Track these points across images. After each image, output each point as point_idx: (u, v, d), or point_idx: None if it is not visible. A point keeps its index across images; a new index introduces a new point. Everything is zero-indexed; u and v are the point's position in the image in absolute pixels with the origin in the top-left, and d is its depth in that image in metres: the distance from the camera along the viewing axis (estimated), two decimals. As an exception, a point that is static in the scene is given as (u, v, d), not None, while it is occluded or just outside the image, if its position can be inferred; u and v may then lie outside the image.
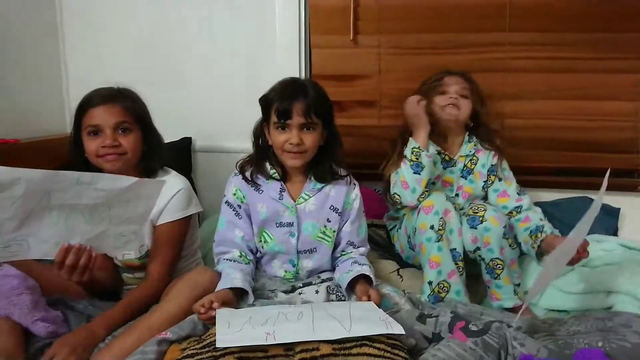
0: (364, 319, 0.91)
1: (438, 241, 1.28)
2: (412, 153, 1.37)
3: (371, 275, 1.17)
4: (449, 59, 1.67)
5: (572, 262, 1.20)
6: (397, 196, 1.39)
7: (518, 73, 1.69)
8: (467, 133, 1.51)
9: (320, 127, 1.19)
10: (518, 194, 1.46)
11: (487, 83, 1.60)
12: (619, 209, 1.67)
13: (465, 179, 1.49)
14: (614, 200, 1.68)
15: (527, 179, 1.69)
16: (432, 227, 1.29)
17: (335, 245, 1.28)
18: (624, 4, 1.60)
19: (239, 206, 1.23)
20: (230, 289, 1.08)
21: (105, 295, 1.23)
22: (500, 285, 1.31)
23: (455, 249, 1.30)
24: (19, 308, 1.00)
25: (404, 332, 0.87)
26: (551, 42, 1.66)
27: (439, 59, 1.68)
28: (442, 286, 1.27)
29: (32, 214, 0.96)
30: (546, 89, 1.69)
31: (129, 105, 1.18)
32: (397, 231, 1.50)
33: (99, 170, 1.14)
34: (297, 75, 1.73)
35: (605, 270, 1.33)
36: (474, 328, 0.96)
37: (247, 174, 1.24)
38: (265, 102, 1.20)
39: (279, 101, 1.15)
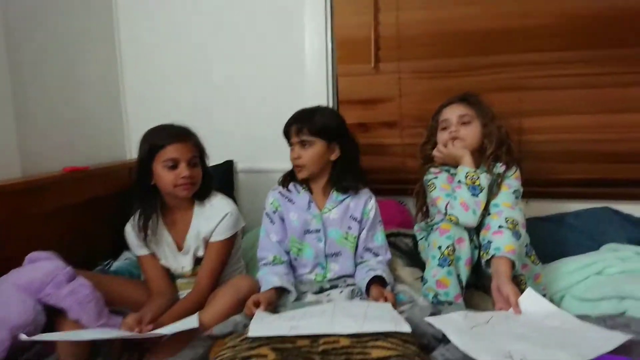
0: (377, 318, 1.01)
1: (449, 266, 1.28)
2: (466, 177, 1.34)
3: (385, 276, 1.29)
4: (464, 80, 1.74)
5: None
6: (454, 218, 1.32)
7: (534, 90, 1.72)
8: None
9: (319, 144, 1.35)
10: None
11: (503, 102, 1.66)
12: (642, 218, 1.66)
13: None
14: (638, 209, 1.69)
15: (549, 190, 1.75)
16: (439, 248, 1.29)
17: (356, 251, 1.42)
18: (636, 19, 1.62)
19: (274, 212, 1.42)
20: (272, 289, 1.26)
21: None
22: None
23: (459, 275, 1.29)
24: (87, 314, 1.14)
25: (410, 331, 0.96)
26: (566, 60, 1.69)
27: (455, 81, 1.75)
28: (448, 302, 1.28)
29: None
30: (563, 105, 1.71)
31: (197, 142, 1.37)
32: (425, 241, 1.53)
33: (169, 195, 1.35)
34: (325, 101, 1.90)
35: (619, 278, 1.34)
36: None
37: (283, 188, 1.44)
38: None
39: (284, 126, 1.41)
